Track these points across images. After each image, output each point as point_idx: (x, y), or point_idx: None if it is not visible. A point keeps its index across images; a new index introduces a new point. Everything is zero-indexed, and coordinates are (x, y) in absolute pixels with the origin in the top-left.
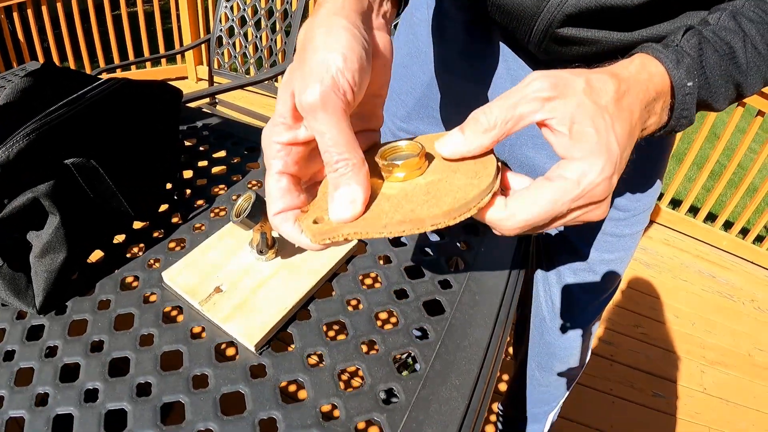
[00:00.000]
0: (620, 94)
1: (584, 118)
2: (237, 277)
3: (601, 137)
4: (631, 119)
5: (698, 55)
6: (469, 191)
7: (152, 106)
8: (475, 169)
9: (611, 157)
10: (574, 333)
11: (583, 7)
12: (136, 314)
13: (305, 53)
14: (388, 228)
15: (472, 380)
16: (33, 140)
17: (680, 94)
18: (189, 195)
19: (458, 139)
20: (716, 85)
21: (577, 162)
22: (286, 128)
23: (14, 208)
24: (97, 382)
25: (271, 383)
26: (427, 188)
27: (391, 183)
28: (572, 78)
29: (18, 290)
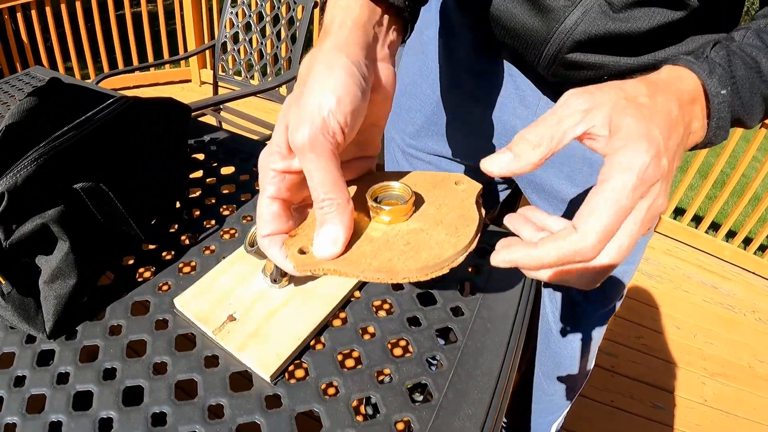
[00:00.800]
0: (653, 93)
1: (620, 114)
2: (250, 304)
3: (639, 124)
4: (669, 115)
5: (728, 65)
6: (446, 249)
7: (161, 123)
8: (457, 225)
9: (653, 140)
10: (578, 342)
11: (593, 34)
12: (149, 341)
13: (303, 89)
14: (365, 273)
15: (484, 409)
16: (41, 165)
17: (715, 101)
18: (198, 215)
19: (508, 157)
20: (746, 97)
21: (621, 151)
22: (281, 157)
23: (23, 233)
24: (111, 411)
25: (287, 413)
26: (408, 238)
27: (376, 224)
28: (605, 88)
29: (28, 315)
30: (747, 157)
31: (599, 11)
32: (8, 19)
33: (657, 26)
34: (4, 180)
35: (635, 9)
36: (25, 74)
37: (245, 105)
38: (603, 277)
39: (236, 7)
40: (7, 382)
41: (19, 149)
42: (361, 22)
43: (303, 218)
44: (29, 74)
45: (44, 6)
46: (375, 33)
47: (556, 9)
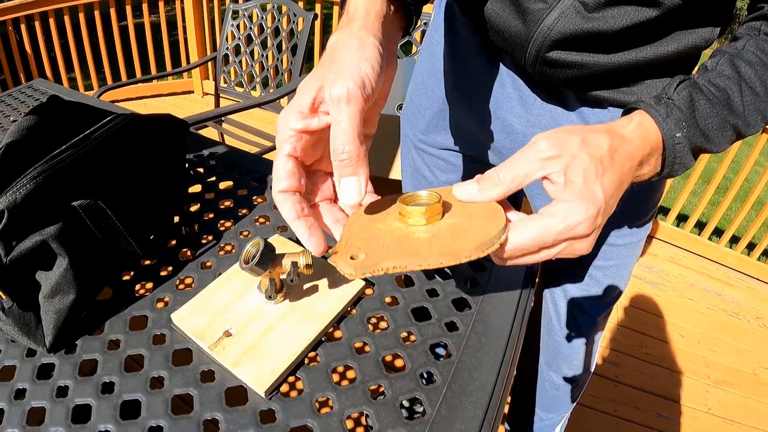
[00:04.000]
0: (613, 150)
1: (576, 168)
2: (245, 320)
3: (588, 185)
4: (621, 172)
5: (688, 107)
6: (491, 230)
7: (159, 139)
8: (486, 214)
9: (596, 203)
10: (577, 335)
11: (569, 33)
12: (146, 355)
13: (337, 55)
14: (428, 260)
15: (477, 425)
16: (40, 183)
17: (670, 144)
18: (196, 230)
19: (474, 189)
20: (710, 131)
21: (565, 203)
22: (302, 117)
23: (23, 250)
24: (110, 425)
25: (281, 429)
26: (452, 230)
27: (416, 228)
28: (570, 137)
29: (28, 329)
30: (750, 162)
31: (574, 12)
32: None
33: (631, 25)
34: (4, 198)
35: (608, 9)
36: (27, 87)
37: (247, 117)
38: None
39: (237, 19)
40: (8, 395)
41: (19, 167)
42: (381, 15)
43: (313, 185)
44: (32, 87)
45: (48, 18)
46: (388, 31)
47: (535, 11)
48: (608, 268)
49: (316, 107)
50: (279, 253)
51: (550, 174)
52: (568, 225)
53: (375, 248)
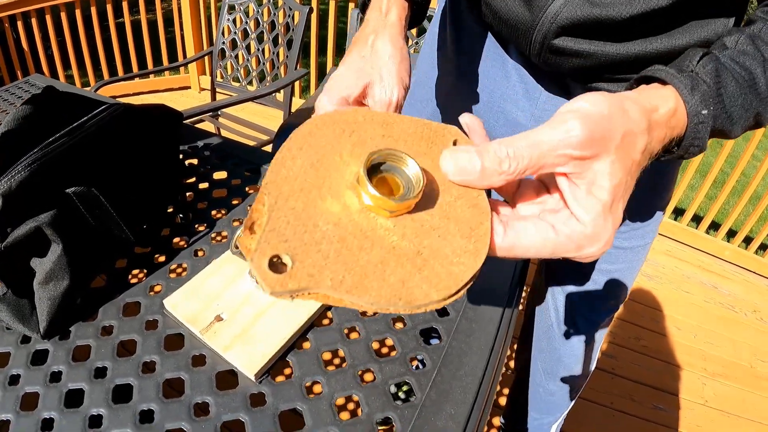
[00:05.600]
0: (642, 151)
1: (605, 182)
2: (237, 305)
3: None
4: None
5: (715, 83)
6: (468, 266)
7: (153, 130)
8: (470, 220)
9: (612, 229)
10: (578, 341)
11: (575, 19)
12: (139, 341)
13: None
14: (376, 305)
15: (467, 409)
16: (34, 170)
17: (693, 122)
18: (190, 219)
19: (473, 167)
20: (735, 114)
21: (583, 228)
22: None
23: (17, 237)
24: (102, 409)
25: (271, 412)
26: (419, 244)
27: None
28: (611, 131)
29: (22, 316)
30: (746, 155)
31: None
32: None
33: (640, 13)
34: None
35: None
36: (24, 82)
37: (243, 111)
38: None
39: (233, 13)
40: (1, 381)
41: (15, 156)
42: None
43: None
44: (29, 82)
45: (45, 14)
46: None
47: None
48: (613, 272)
49: (360, 100)
50: None
51: (572, 174)
52: (578, 244)
53: (308, 249)
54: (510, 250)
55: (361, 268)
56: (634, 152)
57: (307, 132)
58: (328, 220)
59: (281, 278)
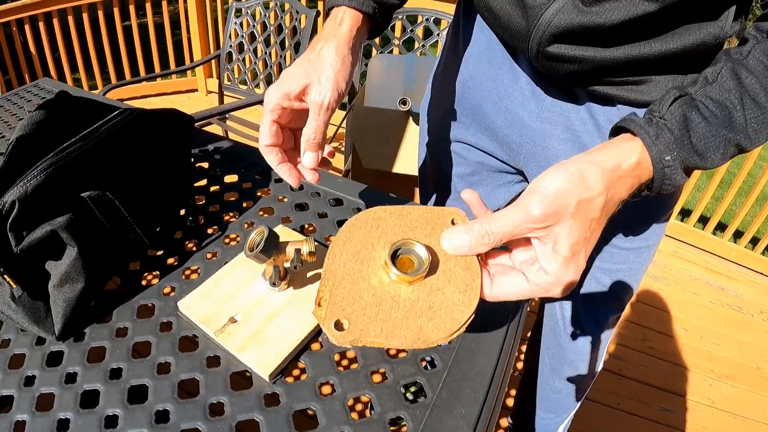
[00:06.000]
0: (605, 204)
1: (564, 242)
2: (250, 307)
3: (572, 261)
4: (606, 219)
5: (681, 127)
6: (463, 312)
7: (165, 134)
8: (465, 281)
9: (575, 274)
10: (584, 340)
11: (566, 27)
12: (153, 342)
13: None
14: (403, 344)
15: (478, 409)
16: (50, 175)
17: (659, 167)
18: (202, 222)
19: (463, 242)
20: (707, 151)
21: (550, 277)
22: (287, 99)
23: (33, 239)
24: (117, 409)
25: (285, 411)
26: (430, 301)
27: (398, 285)
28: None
29: (37, 318)
30: (753, 156)
31: (572, 6)
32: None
33: (629, 19)
34: (15, 189)
35: (606, 2)
36: (33, 86)
37: (250, 114)
38: None
39: (240, 17)
40: (17, 382)
41: (29, 161)
42: (356, 27)
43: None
44: (38, 86)
45: (52, 18)
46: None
47: (535, 6)
48: (616, 272)
49: (300, 97)
50: (283, 241)
51: (540, 237)
52: (546, 289)
53: (357, 314)
54: (496, 298)
55: (393, 322)
56: (592, 212)
57: (347, 231)
58: (368, 293)
59: (343, 334)
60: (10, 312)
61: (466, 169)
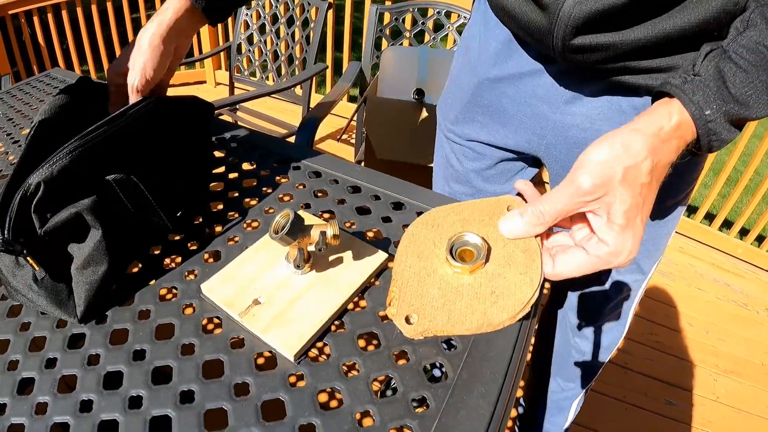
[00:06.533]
0: (653, 169)
1: (617, 210)
2: (273, 289)
3: (628, 228)
4: (658, 185)
5: (716, 80)
6: (526, 291)
7: (186, 119)
8: (525, 261)
9: (635, 237)
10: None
11: (587, 16)
12: (177, 324)
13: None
14: (469, 330)
15: (497, 389)
16: (75, 158)
17: (701, 123)
18: (222, 208)
19: (518, 225)
20: (749, 99)
21: (610, 248)
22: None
23: (57, 222)
24: (141, 390)
25: (310, 391)
26: (492, 286)
27: (462, 277)
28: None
29: (60, 300)
30: (760, 154)
31: None
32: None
33: None
34: (41, 171)
35: None
36: (45, 75)
37: (260, 105)
38: None
39: (251, 9)
40: (38, 365)
41: (52, 144)
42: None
43: None
44: (49, 75)
45: (61, 9)
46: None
47: (551, 2)
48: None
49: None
50: (307, 224)
51: (593, 209)
52: (606, 260)
53: (425, 308)
54: (558, 276)
55: (458, 311)
56: (640, 177)
57: (410, 234)
58: (434, 287)
59: (413, 327)
60: (32, 294)
61: (481, 164)
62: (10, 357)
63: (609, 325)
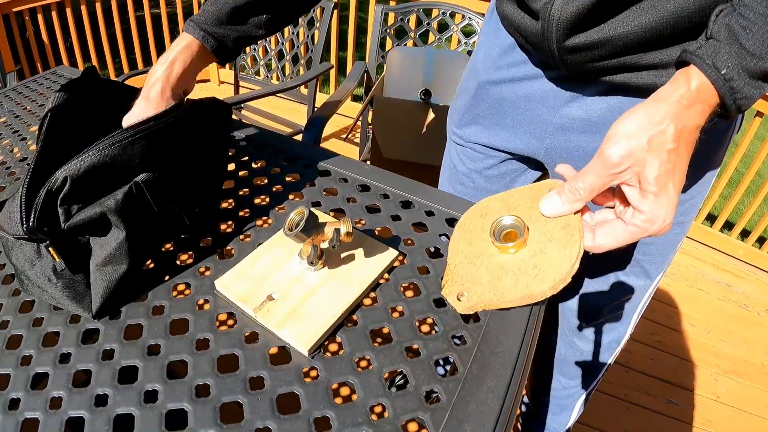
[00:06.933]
0: (678, 134)
1: (648, 177)
2: (287, 285)
3: (661, 194)
4: (688, 150)
5: (728, 38)
6: (565, 264)
7: (208, 121)
8: (564, 237)
9: (669, 203)
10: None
11: (574, 14)
12: (191, 320)
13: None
14: (513, 303)
15: (506, 383)
16: (103, 155)
17: (720, 84)
18: (233, 205)
19: (557, 204)
20: (765, 51)
21: (645, 215)
22: None
23: (81, 219)
24: (156, 384)
25: (324, 384)
26: (534, 261)
27: (505, 256)
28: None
29: (75, 294)
30: (762, 156)
31: None
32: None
33: None
34: (69, 166)
35: None
36: (51, 73)
37: (265, 104)
38: None
39: None
40: (52, 359)
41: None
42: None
43: None
44: (56, 73)
45: (65, 7)
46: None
47: (541, 9)
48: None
49: None
50: (320, 222)
51: (625, 180)
52: (650, 233)
53: (474, 286)
54: (599, 248)
55: (503, 287)
56: (666, 143)
57: (461, 224)
58: (482, 268)
59: (463, 303)
60: (49, 286)
61: (484, 164)
62: (24, 352)
63: (609, 325)
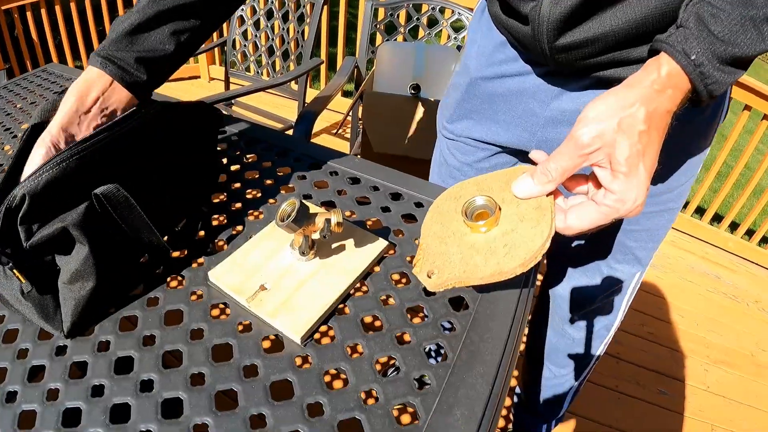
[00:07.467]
0: (649, 118)
1: (619, 158)
2: (279, 276)
3: (632, 174)
4: (659, 135)
5: (697, 24)
6: (536, 241)
7: (192, 128)
8: (536, 216)
9: (642, 186)
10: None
11: (564, 14)
12: (185, 310)
13: None
14: (483, 279)
15: (494, 368)
16: (63, 168)
17: (690, 69)
18: (225, 198)
19: (530, 185)
20: (732, 35)
21: (616, 195)
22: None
23: (43, 236)
24: (152, 374)
25: (316, 371)
26: (505, 240)
27: (477, 236)
28: (606, 124)
29: (46, 314)
30: (750, 149)
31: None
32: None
33: None
34: (26, 183)
35: None
36: (41, 71)
37: (255, 100)
38: None
39: (247, 4)
40: (48, 352)
41: None
42: None
43: None
44: (46, 71)
45: (54, 4)
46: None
47: (530, 12)
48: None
49: None
50: (312, 212)
51: (596, 162)
52: (621, 213)
53: (445, 264)
54: (569, 229)
55: (474, 265)
56: (636, 125)
57: (435, 205)
58: (453, 247)
59: (433, 280)
60: (19, 306)
61: (475, 157)
62: (20, 346)
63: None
